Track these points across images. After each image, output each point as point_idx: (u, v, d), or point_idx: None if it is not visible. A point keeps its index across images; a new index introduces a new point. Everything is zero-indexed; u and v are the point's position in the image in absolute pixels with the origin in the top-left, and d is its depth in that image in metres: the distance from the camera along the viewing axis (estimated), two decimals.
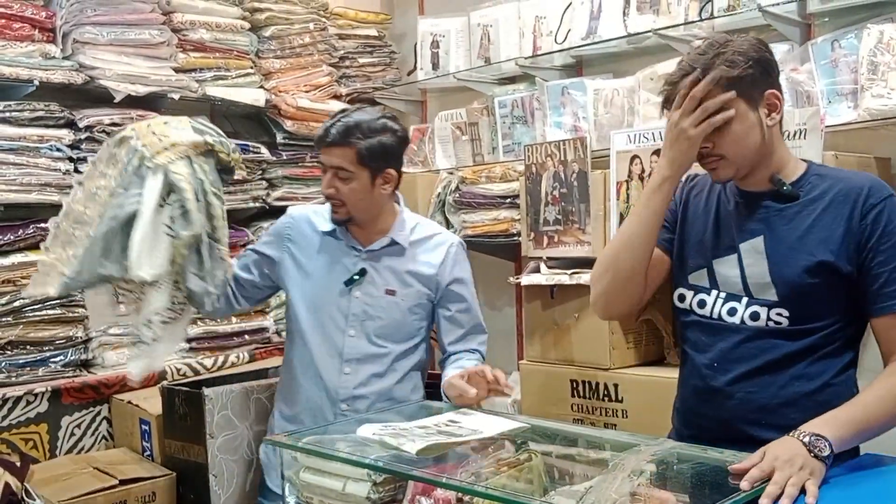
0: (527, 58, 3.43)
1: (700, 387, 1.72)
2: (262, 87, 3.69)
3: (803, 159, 1.75)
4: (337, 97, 3.96)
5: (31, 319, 3.01)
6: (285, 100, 3.71)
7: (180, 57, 3.42)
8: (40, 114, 3.07)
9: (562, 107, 3.25)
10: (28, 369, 3.00)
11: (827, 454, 1.43)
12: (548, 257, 2.99)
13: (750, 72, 1.62)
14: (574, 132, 3.17)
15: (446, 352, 2.39)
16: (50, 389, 3.02)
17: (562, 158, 2.93)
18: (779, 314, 1.63)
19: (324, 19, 3.93)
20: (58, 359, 3.06)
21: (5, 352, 2.96)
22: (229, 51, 3.59)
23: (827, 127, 2.43)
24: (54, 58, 3.13)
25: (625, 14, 3.10)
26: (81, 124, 3.15)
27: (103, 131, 3.16)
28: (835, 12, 2.64)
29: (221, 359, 3.36)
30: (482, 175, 3.41)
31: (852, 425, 1.49)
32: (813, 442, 1.43)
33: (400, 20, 4.29)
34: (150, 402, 3.00)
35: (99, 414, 3.17)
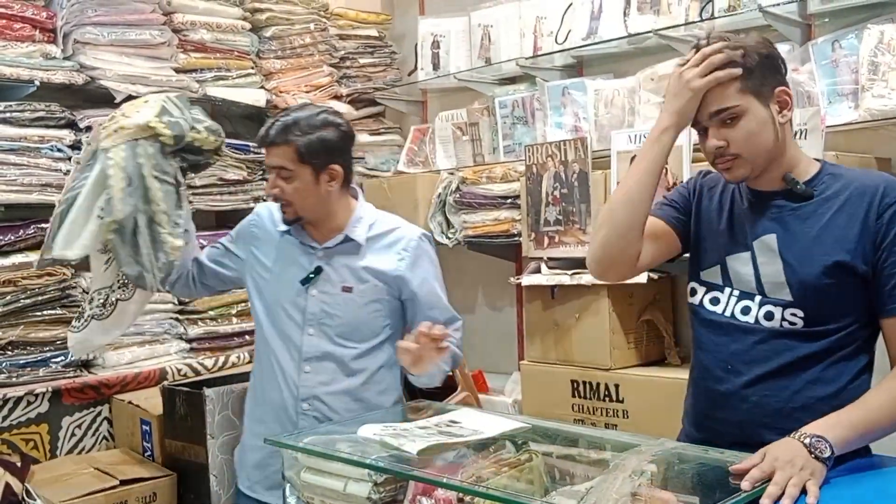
0: (527, 58, 3.43)
1: (713, 389, 1.69)
2: (262, 87, 3.70)
3: (816, 159, 1.73)
4: (337, 97, 3.96)
5: (32, 320, 3.01)
6: (286, 100, 3.70)
7: (181, 57, 3.42)
8: (41, 114, 3.07)
9: (562, 107, 3.25)
10: (29, 370, 3.00)
11: (827, 455, 1.42)
12: (548, 257, 2.99)
13: (759, 66, 1.60)
14: (575, 132, 3.17)
15: None
16: (50, 390, 3.02)
17: (562, 159, 2.94)
18: (793, 314, 1.61)
19: (324, 20, 3.93)
20: (58, 359, 3.05)
21: (6, 352, 2.96)
22: (230, 51, 3.59)
23: (827, 127, 2.43)
24: (55, 58, 3.13)
25: (625, 14, 3.10)
26: (82, 125, 3.15)
27: None
28: (835, 12, 2.64)
29: (222, 359, 3.36)
30: (483, 175, 3.41)
31: (855, 427, 1.48)
32: (814, 443, 1.43)
33: (400, 20, 4.29)
34: (151, 402, 3.00)
35: (99, 414, 3.17)
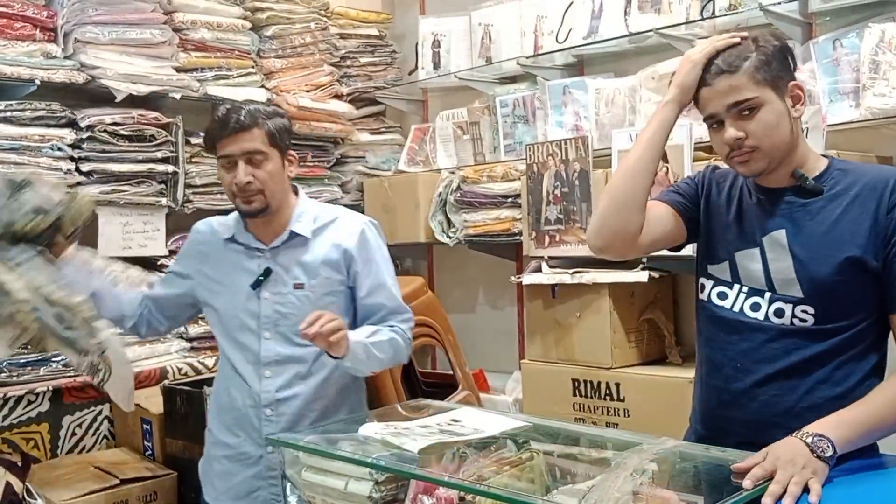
0: (528, 57, 3.43)
1: (721, 388, 1.69)
2: (263, 86, 3.69)
3: (824, 155, 1.72)
4: (338, 97, 3.96)
5: None
6: (286, 99, 3.71)
7: (181, 56, 3.42)
8: (41, 113, 3.07)
9: (563, 106, 3.25)
10: (29, 369, 2.99)
11: (829, 455, 1.41)
12: (549, 256, 3.00)
13: (775, 58, 1.59)
14: (575, 131, 3.17)
15: None
16: (51, 389, 3.02)
17: (563, 158, 2.94)
18: (804, 311, 1.60)
19: (325, 19, 3.93)
20: (59, 358, 3.05)
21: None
22: (230, 50, 3.59)
23: (828, 126, 2.44)
24: (56, 57, 3.13)
25: (626, 13, 3.10)
26: (83, 124, 3.14)
27: (105, 131, 3.17)
28: (836, 11, 2.64)
29: None
30: (483, 174, 3.41)
31: (858, 426, 1.48)
32: (816, 442, 1.42)
33: (401, 20, 4.29)
34: (152, 401, 3.00)
35: (100, 413, 3.17)
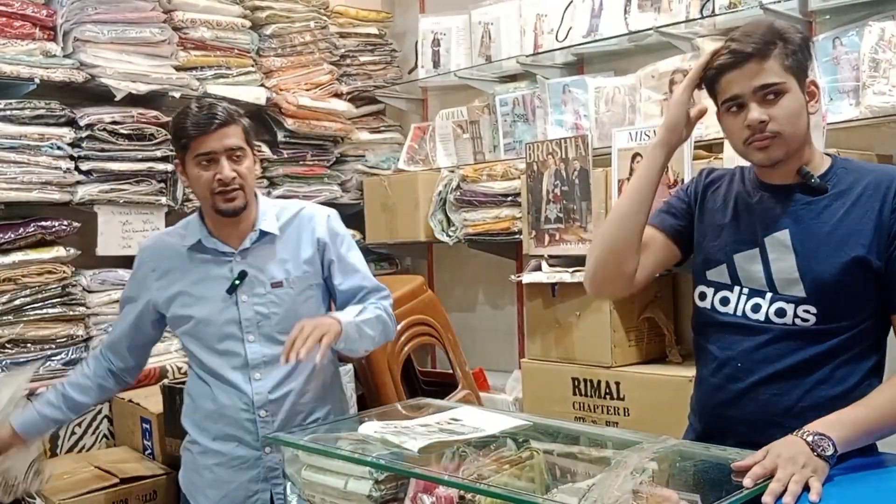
0: (528, 56, 3.43)
1: (722, 387, 1.68)
2: (263, 85, 3.69)
3: (827, 153, 1.71)
4: (338, 95, 3.96)
5: (32, 318, 3.01)
6: (286, 98, 3.71)
7: (181, 55, 3.41)
8: (41, 112, 3.07)
9: (563, 105, 3.25)
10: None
11: (830, 453, 1.41)
12: (549, 255, 2.99)
13: (800, 49, 1.58)
14: (575, 130, 3.17)
15: None
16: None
17: (563, 156, 2.93)
18: (806, 311, 1.59)
19: (325, 17, 3.93)
20: (59, 357, 3.05)
21: (6, 350, 2.96)
22: (230, 49, 3.58)
23: (828, 124, 2.43)
24: (55, 56, 3.13)
25: (626, 12, 3.10)
26: (82, 122, 3.15)
27: (104, 129, 3.17)
28: (836, 10, 2.64)
29: None
30: (483, 173, 3.41)
31: (859, 426, 1.48)
32: (816, 441, 1.42)
33: (401, 18, 4.29)
34: (151, 400, 3.00)
35: (100, 412, 3.17)
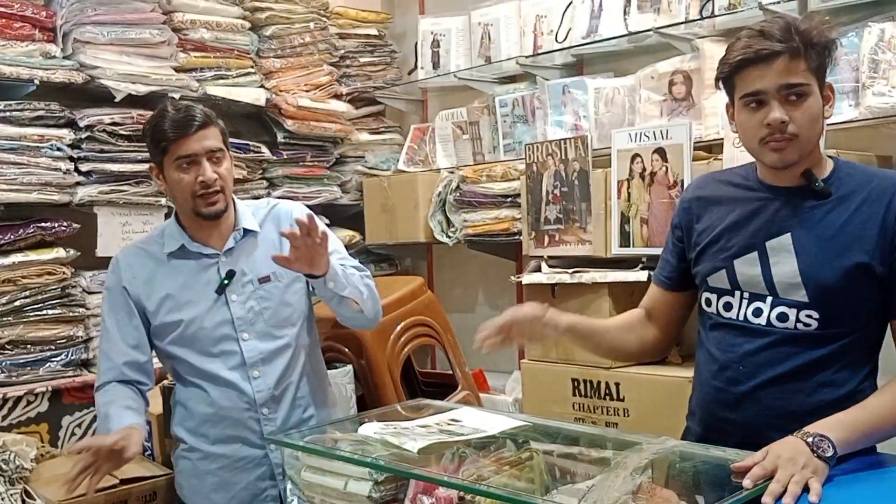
0: (527, 56, 3.43)
1: (723, 390, 1.68)
2: (262, 86, 3.69)
3: (829, 156, 1.70)
4: (337, 96, 3.96)
5: (32, 319, 3.01)
6: (286, 99, 3.71)
7: (181, 56, 3.41)
8: (41, 113, 3.07)
9: (562, 106, 3.25)
10: (29, 369, 3.00)
11: (830, 455, 1.41)
12: (549, 256, 2.99)
13: (828, 54, 1.57)
14: (575, 131, 3.17)
15: None
16: (50, 389, 3.02)
17: (563, 157, 2.93)
18: (808, 316, 1.59)
19: (324, 18, 3.92)
20: (58, 358, 3.05)
21: (6, 351, 2.96)
22: (230, 50, 3.58)
23: (828, 125, 2.42)
24: (55, 57, 3.13)
25: (625, 13, 3.10)
26: (82, 124, 3.15)
27: (104, 131, 3.17)
28: (835, 10, 2.63)
29: None
30: (483, 174, 3.41)
31: (858, 428, 1.48)
32: (816, 442, 1.42)
33: (400, 19, 4.29)
34: (151, 401, 2.98)
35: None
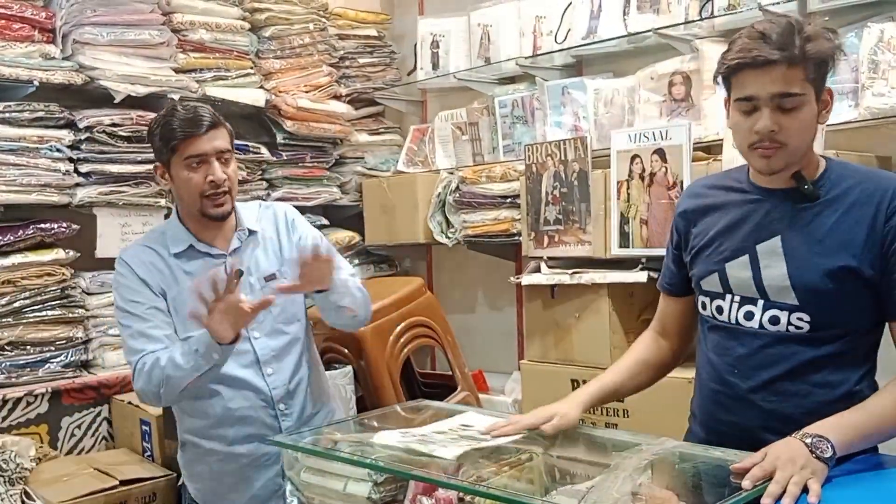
0: (527, 57, 3.43)
1: (720, 392, 1.68)
2: (262, 87, 3.70)
3: (823, 156, 1.69)
4: (337, 97, 3.96)
5: (31, 320, 3.01)
6: (285, 100, 3.71)
7: (180, 57, 3.42)
8: (40, 114, 3.08)
9: (562, 106, 3.25)
10: (28, 370, 3.00)
11: (829, 456, 1.41)
12: (548, 257, 3.00)
13: (831, 61, 1.55)
14: (574, 132, 3.17)
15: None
16: (50, 390, 3.02)
17: (562, 158, 2.94)
18: (800, 318, 1.58)
19: (324, 19, 3.93)
20: (58, 359, 3.05)
21: (5, 352, 2.96)
22: (229, 51, 3.58)
23: (827, 126, 2.43)
24: (54, 58, 3.13)
25: (625, 13, 3.10)
26: (81, 125, 3.15)
27: (103, 132, 3.17)
28: (835, 11, 2.63)
29: None
30: (482, 175, 3.41)
31: (857, 429, 1.48)
32: (815, 443, 1.42)
33: (400, 20, 4.29)
34: None
35: (99, 415, 3.17)
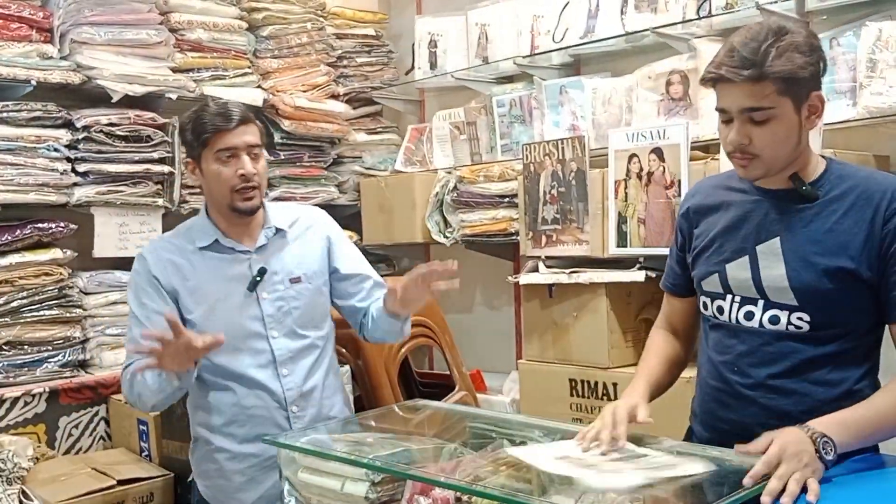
0: (525, 57, 3.42)
1: (720, 390, 1.69)
2: (259, 86, 3.69)
3: (823, 156, 1.69)
4: (335, 97, 3.96)
5: (29, 320, 3.01)
6: (283, 99, 3.70)
7: (178, 57, 3.41)
8: (38, 114, 3.07)
9: (560, 106, 3.25)
10: (26, 370, 3.00)
11: (830, 458, 1.42)
12: (546, 256, 2.99)
13: (805, 73, 1.54)
14: (572, 131, 3.17)
15: (359, 310, 2.26)
16: (48, 390, 3.02)
17: (560, 157, 2.93)
18: (799, 318, 1.59)
19: (321, 19, 3.92)
20: (55, 359, 3.05)
21: (3, 352, 2.96)
22: (227, 50, 3.58)
23: (826, 125, 2.43)
24: (52, 58, 3.13)
25: (622, 12, 3.10)
26: (79, 124, 3.14)
27: (101, 131, 3.17)
28: (833, 10, 2.63)
29: None
30: (480, 174, 3.40)
31: (861, 429, 1.49)
32: (821, 443, 1.42)
33: (397, 19, 4.29)
34: None
35: (97, 414, 3.16)
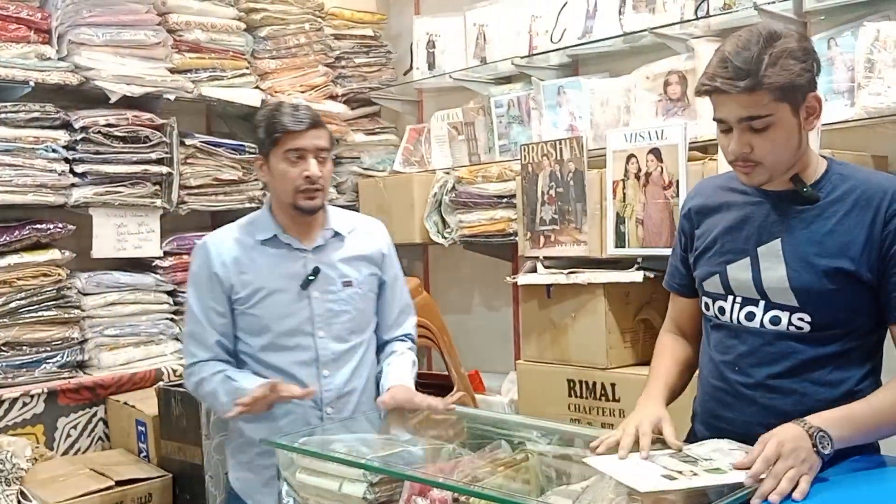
0: (523, 57, 3.43)
1: (721, 389, 1.69)
2: (257, 87, 3.69)
3: (823, 156, 1.69)
4: (333, 97, 3.96)
5: (27, 321, 3.01)
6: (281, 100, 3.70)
7: (176, 58, 3.41)
8: (36, 115, 3.07)
9: (558, 106, 3.25)
10: (24, 371, 3.00)
11: (827, 452, 1.43)
12: (544, 257, 2.99)
13: (802, 79, 1.53)
14: (570, 131, 3.17)
15: (379, 339, 2.30)
16: (46, 391, 3.02)
17: (558, 158, 2.93)
18: (800, 319, 1.59)
19: (319, 19, 3.92)
20: (54, 360, 3.05)
21: (1, 353, 2.96)
22: (225, 51, 3.58)
23: (824, 125, 2.43)
24: (50, 59, 3.12)
25: (620, 13, 3.10)
26: (77, 125, 3.14)
27: (99, 132, 3.17)
28: (831, 10, 2.64)
29: None
30: (478, 175, 3.41)
31: (859, 425, 1.49)
32: (819, 438, 1.43)
33: (395, 20, 4.29)
34: (147, 403, 2.99)
35: (95, 415, 3.16)
